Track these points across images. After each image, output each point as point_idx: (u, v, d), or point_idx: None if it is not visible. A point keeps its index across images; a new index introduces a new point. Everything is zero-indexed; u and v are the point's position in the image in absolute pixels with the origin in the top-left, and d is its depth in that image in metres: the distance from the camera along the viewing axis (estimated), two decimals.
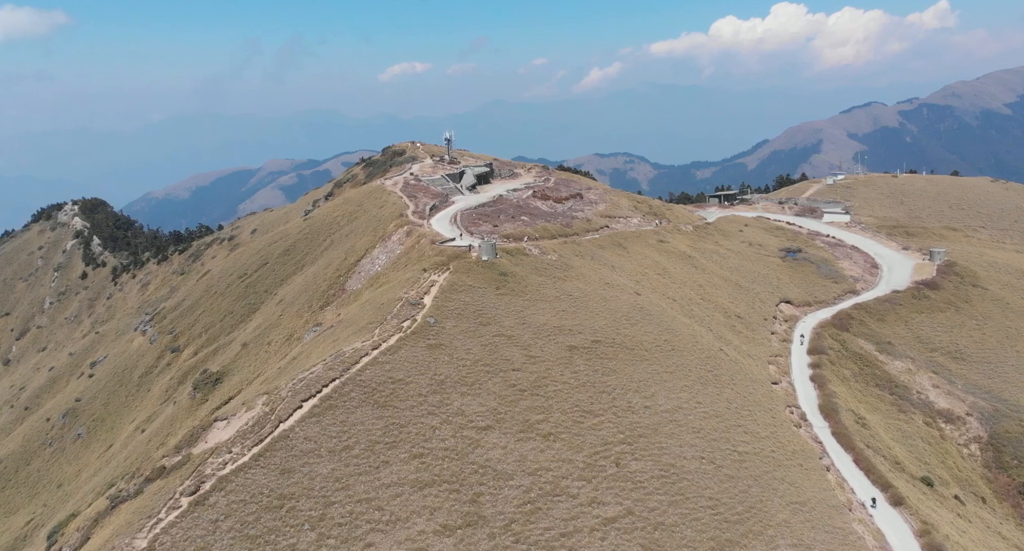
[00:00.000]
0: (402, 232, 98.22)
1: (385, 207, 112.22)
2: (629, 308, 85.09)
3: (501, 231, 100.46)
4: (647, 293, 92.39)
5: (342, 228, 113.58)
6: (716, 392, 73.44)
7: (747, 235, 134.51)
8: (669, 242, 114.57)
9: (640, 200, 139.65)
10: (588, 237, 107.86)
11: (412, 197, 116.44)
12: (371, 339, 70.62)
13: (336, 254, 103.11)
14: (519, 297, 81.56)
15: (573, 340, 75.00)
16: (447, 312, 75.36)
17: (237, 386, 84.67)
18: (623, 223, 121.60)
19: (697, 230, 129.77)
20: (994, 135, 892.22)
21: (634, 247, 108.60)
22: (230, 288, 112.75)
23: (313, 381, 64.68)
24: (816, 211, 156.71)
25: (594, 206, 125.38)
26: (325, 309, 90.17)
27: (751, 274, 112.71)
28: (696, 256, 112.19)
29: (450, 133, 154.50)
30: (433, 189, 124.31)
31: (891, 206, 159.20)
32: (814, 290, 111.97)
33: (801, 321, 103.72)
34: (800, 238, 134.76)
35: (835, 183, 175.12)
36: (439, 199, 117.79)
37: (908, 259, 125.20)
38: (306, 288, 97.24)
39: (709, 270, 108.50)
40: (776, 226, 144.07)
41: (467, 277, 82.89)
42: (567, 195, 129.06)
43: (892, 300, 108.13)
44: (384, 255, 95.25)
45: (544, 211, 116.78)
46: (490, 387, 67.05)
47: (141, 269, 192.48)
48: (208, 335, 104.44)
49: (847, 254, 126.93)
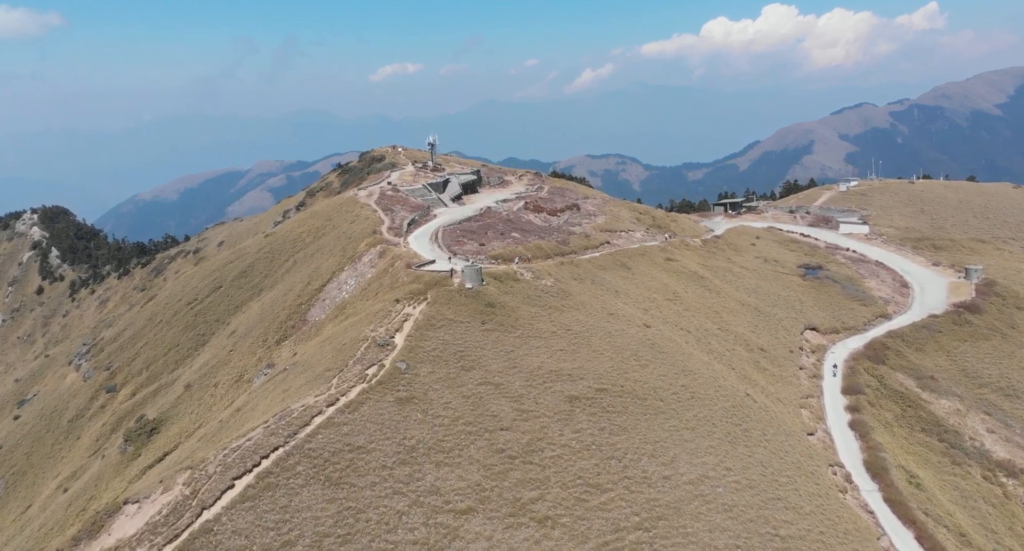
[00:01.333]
0: (374, 252, 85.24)
1: (357, 222, 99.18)
2: (638, 344, 72.44)
3: (489, 251, 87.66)
4: (658, 324, 79.73)
5: (307, 246, 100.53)
6: (747, 452, 60.90)
7: (761, 249, 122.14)
8: (678, 260, 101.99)
9: (642, 211, 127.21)
10: (587, 256, 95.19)
11: (388, 210, 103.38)
12: (327, 392, 57.74)
13: (298, 277, 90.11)
14: (509, 333, 68.80)
15: (574, 388, 62.35)
16: (422, 354, 62.55)
17: (175, 438, 71.54)
18: (625, 238, 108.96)
19: (706, 245, 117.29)
20: (984, 136, 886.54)
21: (640, 267, 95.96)
22: (177, 316, 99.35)
23: (250, 451, 51.60)
24: (831, 221, 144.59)
25: (592, 219, 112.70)
26: (282, 344, 77.20)
27: (770, 296, 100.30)
28: (708, 276, 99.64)
29: (433, 137, 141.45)
30: (413, 201, 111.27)
31: (911, 215, 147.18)
32: (841, 314, 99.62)
33: (830, 351, 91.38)
34: (819, 253, 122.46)
35: (848, 190, 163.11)
36: (419, 212, 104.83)
37: (940, 277, 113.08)
38: (262, 318, 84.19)
39: (724, 293, 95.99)
40: (790, 238, 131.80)
41: (447, 309, 70.06)
42: (562, 206, 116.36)
43: (930, 326, 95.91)
44: (353, 279, 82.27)
45: (537, 225, 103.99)
46: (472, 454, 54.36)
47: (101, 284, 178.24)
48: (149, 372, 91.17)
49: (873, 271, 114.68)
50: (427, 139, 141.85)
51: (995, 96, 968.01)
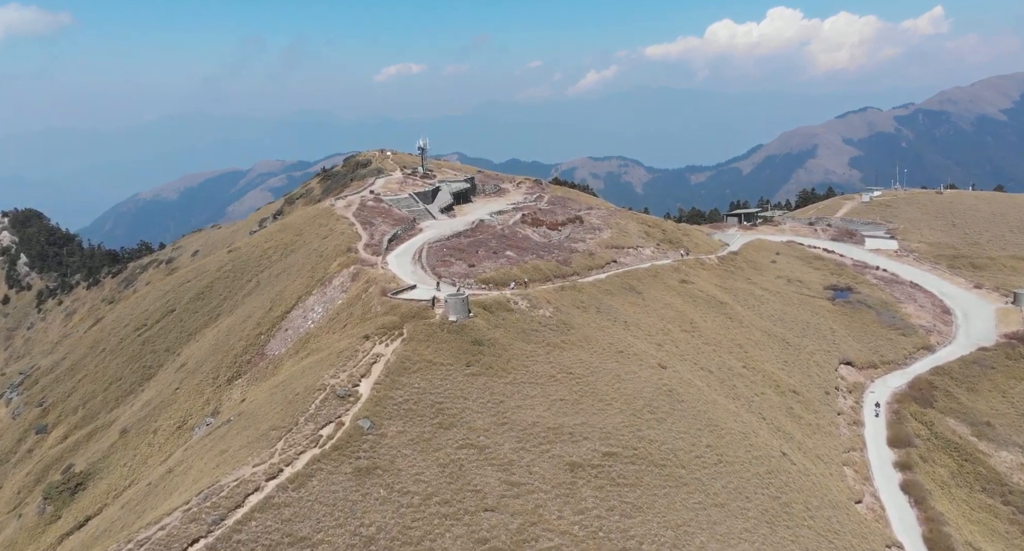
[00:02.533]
0: (347, 274, 73.86)
1: (330, 238, 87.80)
2: (653, 391, 61.02)
3: (479, 273, 76.24)
4: (674, 363, 68.28)
5: (273, 265, 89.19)
6: (790, 536, 49.50)
7: (782, 267, 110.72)
8: (693, 282, 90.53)
9: (652, 224, 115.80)
10: (591, 278, 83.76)
11: (367, 224, 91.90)
12: (269, 459, 46.32)
13: (260, 302, 78.76)
14: (499, 379, 57.42)
15: (576, 452, 51.00)
16: (391, 408, 51.17)
17: (102, 497, 60.17)
18: (634, 256, 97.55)
19: (723, 263, 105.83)
20: (990, 141, 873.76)
21: (651, 291, 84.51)
22: (123, 344, 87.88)
23: (161, 545, 40.36)
24: (855, 235, 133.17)
25: (597, 234, 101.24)
26: (235, 383, 65.85)
27: (798, 324, 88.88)
28: (728, 301, 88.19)
29: (424, 141, 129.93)
30: (396, 212, 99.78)
31: (942, 229, 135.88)
32: (879, 346, 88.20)
33: (868, 391, 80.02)
34: (846, 272, 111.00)
35: (872, 200, 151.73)
36: (403, 226, 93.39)
37: (985, 302, 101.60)
38: (216, 349, 72.83)
39: (747, 321, 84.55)
40: (813, 255, 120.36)
41: (426, 348, 58.64)
42: (564, 219, 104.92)
43: (981, 361, 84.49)
44: (321, 306, 70.90)
45: (535, 242, 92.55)
46: (447, 546, 43.11)
47: (69, 294, 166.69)
48: (86, 410, 79.82)
49: (908, 294, 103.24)
50: (417, 143, 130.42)
51: (1001, 101, 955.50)
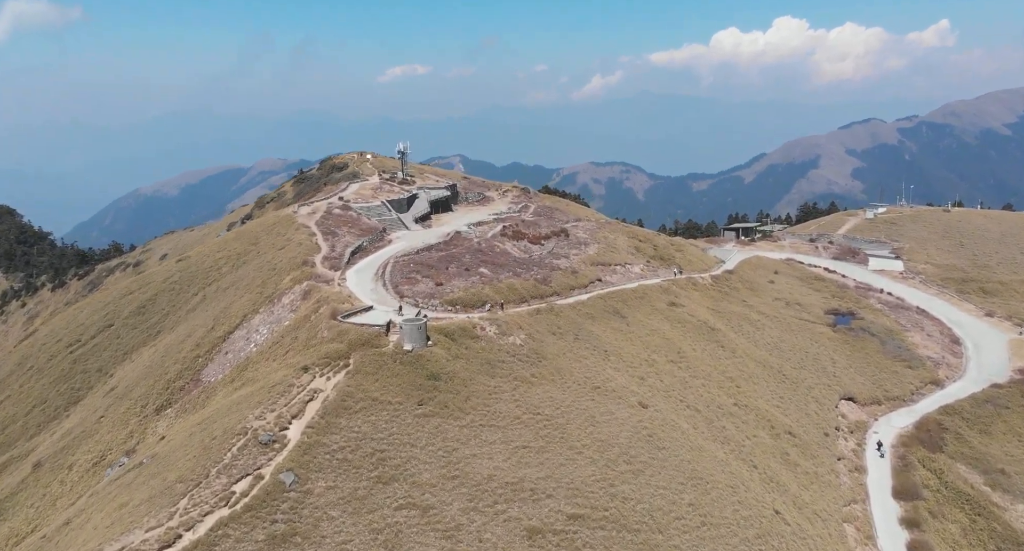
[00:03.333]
0: (298, 291, 66.80)
1: (287, 249, 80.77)
2: (631, 436, 53.96)
3: (447, 293, 69.14)
4: (657, 401, 61.22)
5: (223, 277, 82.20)
6: None
7: (780, 288, 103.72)
8: (684, 306, 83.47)
9: (643, 238, 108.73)
10: (572, 299, 76.67)
11: (330, 234, 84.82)
12: (168, 520, 39.26)
13: (203, 319, 71.69)
14: (454, 421, 50.31)
15: (537, 514, 43.92)
16: (323, 458, 44.02)
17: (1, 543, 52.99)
18: (621, 273, 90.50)
19: (717, 283, 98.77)
20: (994, 155, 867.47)
21: (637, 315, 77.44)
22: (53, 362, 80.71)
23: None
24: (859, 254, 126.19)
25: (583, 249, 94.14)
26: (163, 413, 58.72)
27: (796, 353, 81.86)
28: (721, 327, 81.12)
29: (404, 145, 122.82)
30: (365, 221, 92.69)
31: (950, 249, 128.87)
32: (883, 379, 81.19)
33: (872, 430, 73.06)
34: (848, 295, 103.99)
35: (876, 217, 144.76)
36: (370, 237, 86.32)
37: (997, 331, 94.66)
38: (149, 372, 65.80)
39: (740, 350, 77.49)
40: (814, 275, 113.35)
41: (374, 382, 51.51)
42: (548, 232, 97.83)
43: (994, 400, 77.49)
44: (266, 327, 63.84)
45: (514, 258, 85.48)
46: None
47: (33, 296, 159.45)
48: (4, 436, 72.65)
49: (915, 321, 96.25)
50: (397, 146, 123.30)
51: (1005, 115, 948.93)
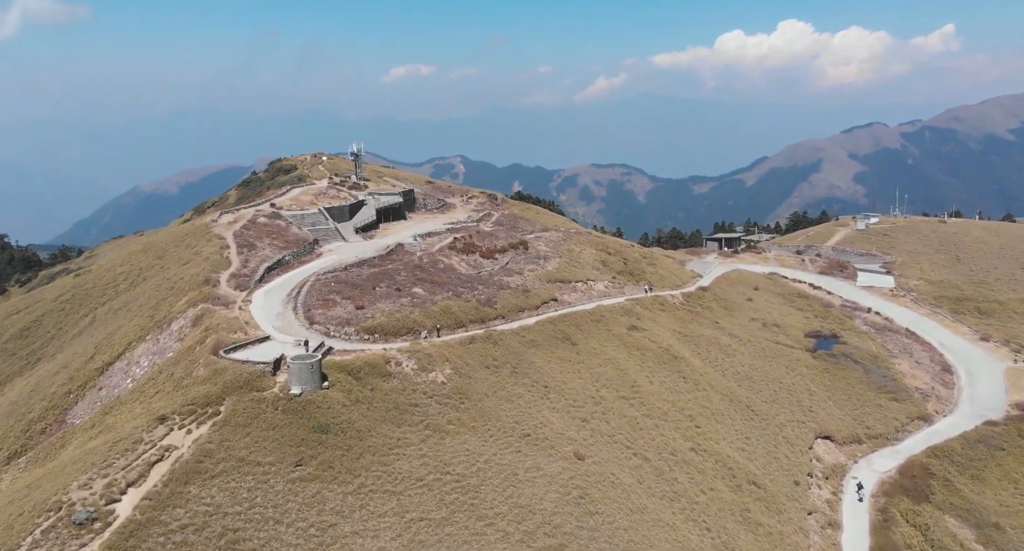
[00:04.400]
0: (192, 315, 58.70)
1: (192, 264, 72.73)
2: (559, 497, 45.84)
3: (366, 318, 61.01)
4: (598, 449, 53.09)
5: (120, 295, 74.19)
6: None
7: (759, 307, 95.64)
8: (646, 329, 75.33)
9: (613, 250, 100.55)
10: (518, 324, 68.60)
11: (247, 247, 76.67)
12: None
13: (84, 347, 63.65)
14: (339, 485, 42.06)
15: None
16: (155, 542, 35.47)
17: None
18: (582, 291, 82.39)
19: (689, 301, 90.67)
20: (996, 161, 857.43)
21: (590, 342, 69.34)
22: None
23: None
24: (847, 268, 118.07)
25: (541, 264, 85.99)
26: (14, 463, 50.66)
27: (769, 384, 73.73)
28: (685, 355, 72.99)
29: (358, 146, 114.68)
30: (295, 232, 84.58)
31: (944, 264, 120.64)
32: (865, 414, 73.10)
33: (850, 474, 65.00)
34: (832, 315, 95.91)
35: (868, 228, 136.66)
36: (295, 250, 78.23)
37: (992, 358, 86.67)
38: (13, 409, 57.82)
39: (705, 381, 69.37)
40: (797, 291, 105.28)
41: (243, 437, 43.11)
42: (505, 245, 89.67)
43: (988, 440, 69.40)
44: (148, 359, 55.82)
45: (459, 274, 77.35)
46: None
47: None
48: None
49: (903, 346, 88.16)
50: (350, 148, 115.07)
51: (1009, 121, 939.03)
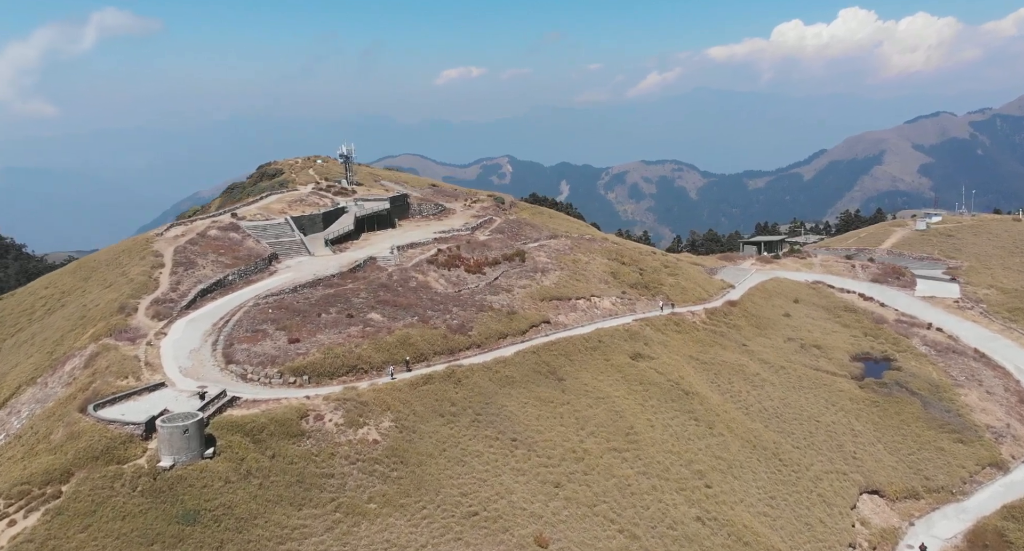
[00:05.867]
0: (90, 353, 49.61)
1: (115, 287, 63.96)
2: None
3: (297, 355, 50.88)
4: (570, 528, 41.89)
5: (32, 323, 65.96)
6: None
7: (798, 324, 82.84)
8: (654, 357, 63.66)
9: (628, 260, 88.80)
10: (496, 354, 57.77)
11: (185, 265, 67.36)
12: None
13: None
14: None
15: None
16: None
17: None
18: (582, 311, 71.10)
19: (713, 318, 78.48)
20: None
21: (582, 375, 58.10)
22: None
23: None
24: (904, 275, 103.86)
25: (537, 278, 74.94)
26: None
27: (803, 424, 61.31)
28: (701, 390, 61.11)
29: (348, 147, 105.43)
30: (250, 246, 75.04)
31: (1020, 269, 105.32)
32: (923, 461, 60.11)
33: (904, 542, 52.41)
34: (885, 333, 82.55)
35: (929, 228, 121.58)
36: (243, 268, 68.60)
37: None
38: None
39: (723, 422, 57.44)
40: (844, 304, 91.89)
41: (79, 532, 33.02)
42: (498, 256, 78.87)
43: None
44: (28, 408, 46.93)
45: (434, 294, 66.88)
46: None
47: None
48: None
49: (971, 372, 74.44)
50: (339, 149, 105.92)
51: None
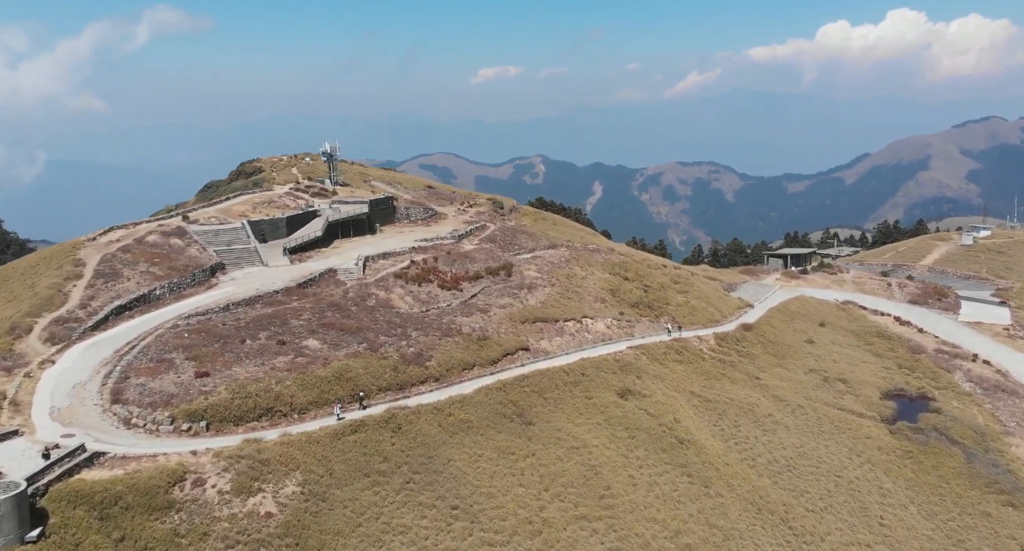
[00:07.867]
0: None
1: (17, 302, 56.74)
2: None
3: (199, 394, 42.72)
4: None
5: None
6: None
7: (822, 352, 72.93)
8: (647, 395, 54.55)
9: (633, 273, 79.55)
10: (454, 390, 49.19)
11: (108, 276, 59.79)
12: None
13: None
14: None
15: None
16: None
17: None
18: (571, 335, 62.22)
19: (723, 345, 68.99)
20: None
21: (554, 418, 49.26)
22: None
23: None
24: (947, 296, 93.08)
25: (520, 297, 66.16)
26: None
27: (821, 480, 51.74)
28: (700, 436, 51.87)
29: (331, 145, 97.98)
30: (190, 255, 67.19)
31: None
32: (965, 529, 50.14)
33: None
34: (923, 365, 72.24)
35: (976, 242, 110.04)
36: (176, 281, 60.82)
37: None
38: None
39: (722, 478, 48.18)
40: (876, 329, 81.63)
41: None
42: (480, 270, 70.22)
43: None
44: None
45: (395, 314, 58.50)
46: None
47: None
48: None
49: (1022, 414, 63.99)
50: (322, 147, 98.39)
51: None
